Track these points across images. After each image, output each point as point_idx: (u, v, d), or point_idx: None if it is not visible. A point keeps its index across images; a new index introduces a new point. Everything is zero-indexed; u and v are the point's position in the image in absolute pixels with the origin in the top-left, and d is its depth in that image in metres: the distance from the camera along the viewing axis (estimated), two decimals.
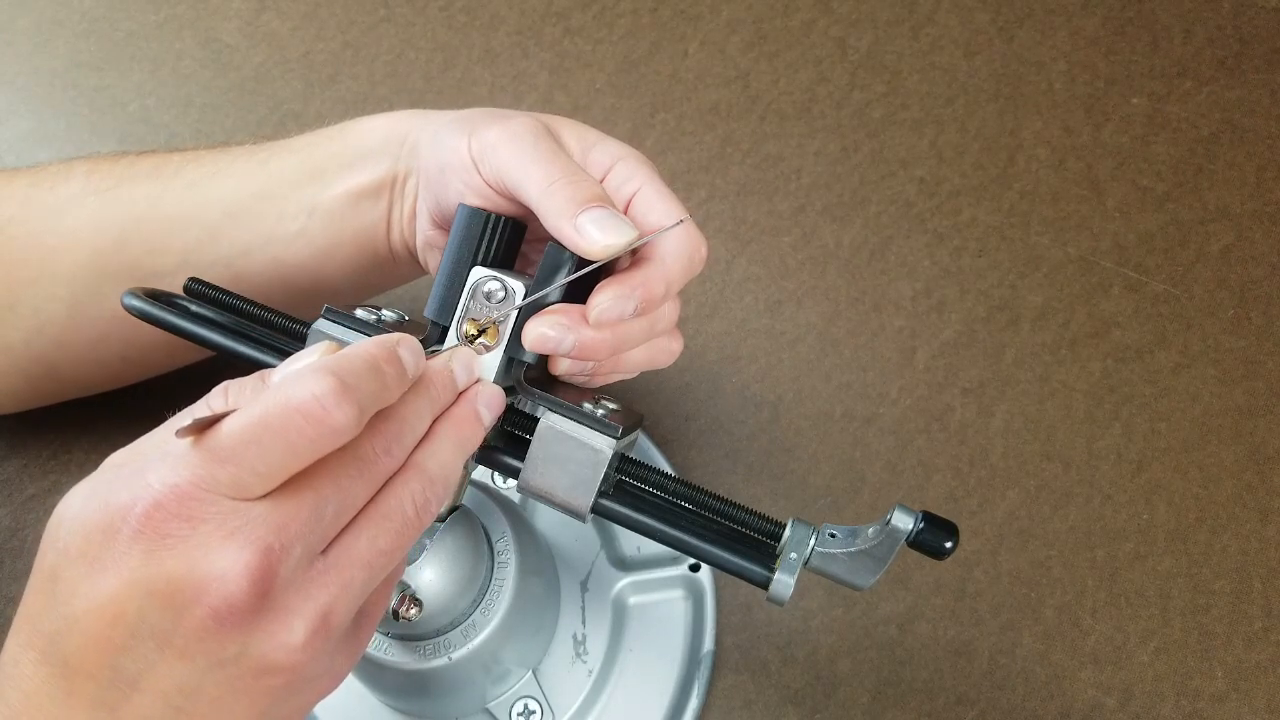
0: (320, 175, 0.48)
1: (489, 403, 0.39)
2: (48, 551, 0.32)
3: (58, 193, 0.51)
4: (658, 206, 0.41)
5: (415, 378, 0.36)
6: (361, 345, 0.35)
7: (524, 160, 0.40)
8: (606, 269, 0.41)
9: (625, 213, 0.42)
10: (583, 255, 0.39)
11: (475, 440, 0.38)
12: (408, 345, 0.36)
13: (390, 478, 0.35)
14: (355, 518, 0.34)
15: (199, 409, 0.34)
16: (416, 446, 0.36)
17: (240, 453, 0.31)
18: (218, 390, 0.35)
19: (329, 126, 0.50)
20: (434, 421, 0.37)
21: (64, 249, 0.50)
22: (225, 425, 0.31)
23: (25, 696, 0.32)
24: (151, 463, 0.31)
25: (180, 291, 0.46)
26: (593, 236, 0.38)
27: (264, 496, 0.32)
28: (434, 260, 0.48)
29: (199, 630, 0.31)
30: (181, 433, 0.31)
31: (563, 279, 0.40)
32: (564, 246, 0.40)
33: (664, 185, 0.42)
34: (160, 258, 0.50)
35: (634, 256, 0.42)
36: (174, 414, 0.34)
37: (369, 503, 0.34)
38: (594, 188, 0.40)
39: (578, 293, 0.41)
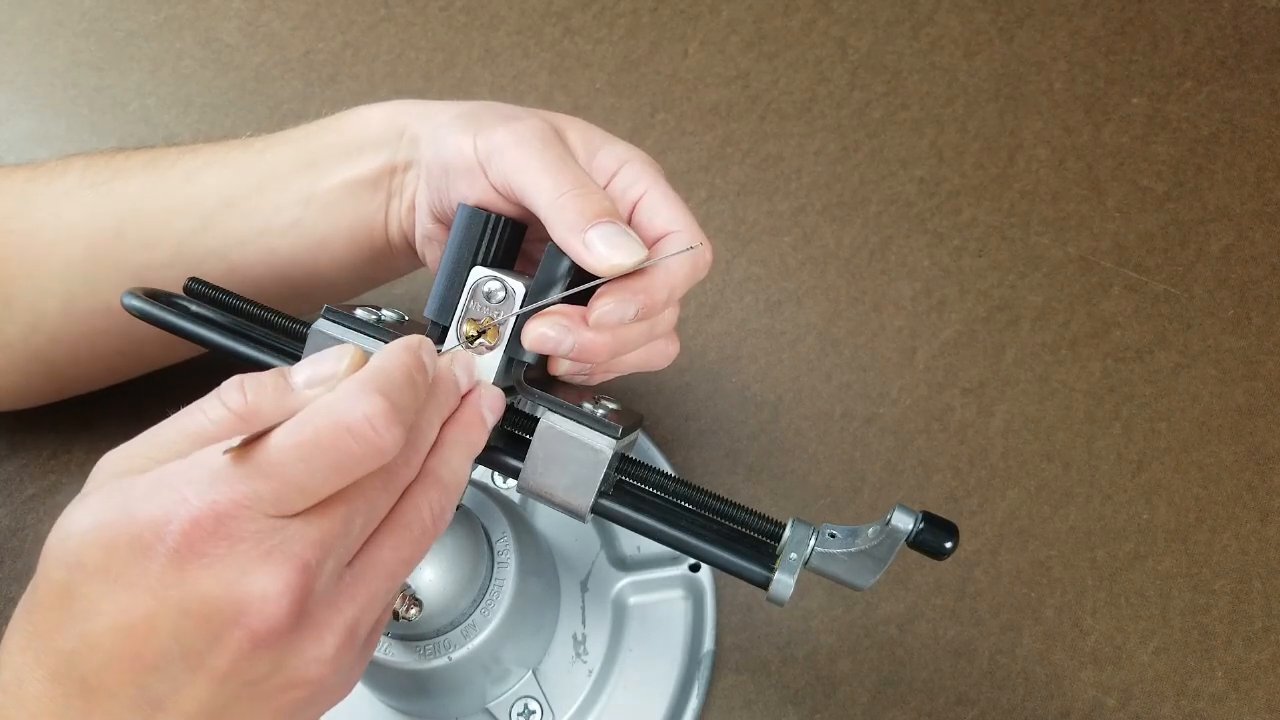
0: (316, 165, 0.48)
1: (491, 405, 0.39)
2: (57, 566, 0.31)
3: (54, 187, 0.51)
4: (663, 211, 0.41)
5: (433, 381, 0.36)
6: (398, 357, 0.34)
7: (533, 167, 0.40)
8: None
9: (631, 216, 0.42)
10: (590, 271, 0.39)
11: (481, 443, 0.38)
12: (428, 350, 0.36)
13: (408, 486, 0.35)
14: (377, 529, 0.34)
15: (209, 403, 0.33)
16: (429, 453, 0.36)
17: (288, 469, 0.30)
18: (232, 384, 0.34)
19: (326, 117, 0.50)
20: (442, 427, 0.37)
21: (60, 243, 0.50)
22: (274, 439, 0.31)
23: (32, 718, 0.30)
24: (185, 476, 0.31)
25: (177, 285, 0.45)
26: (600, 253, 0.38)
27: (299, 513, 0.31)
28: (432, 253, 0.47)
29: (236, 653, 0.30)
30: (230, 452, 0.30)
31: (564, 288, 0.40)
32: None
33: (670, 188, 0.42)
34: (154, 249, 0.49)
35: None
36: (175, 410, 0.34)
37: (389, 513, 0.34)
38: (603, 201, 0.39)
39: (578, 293, 0.41)
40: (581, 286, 0.40)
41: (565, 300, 0.40)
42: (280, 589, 0.30)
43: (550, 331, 0.39)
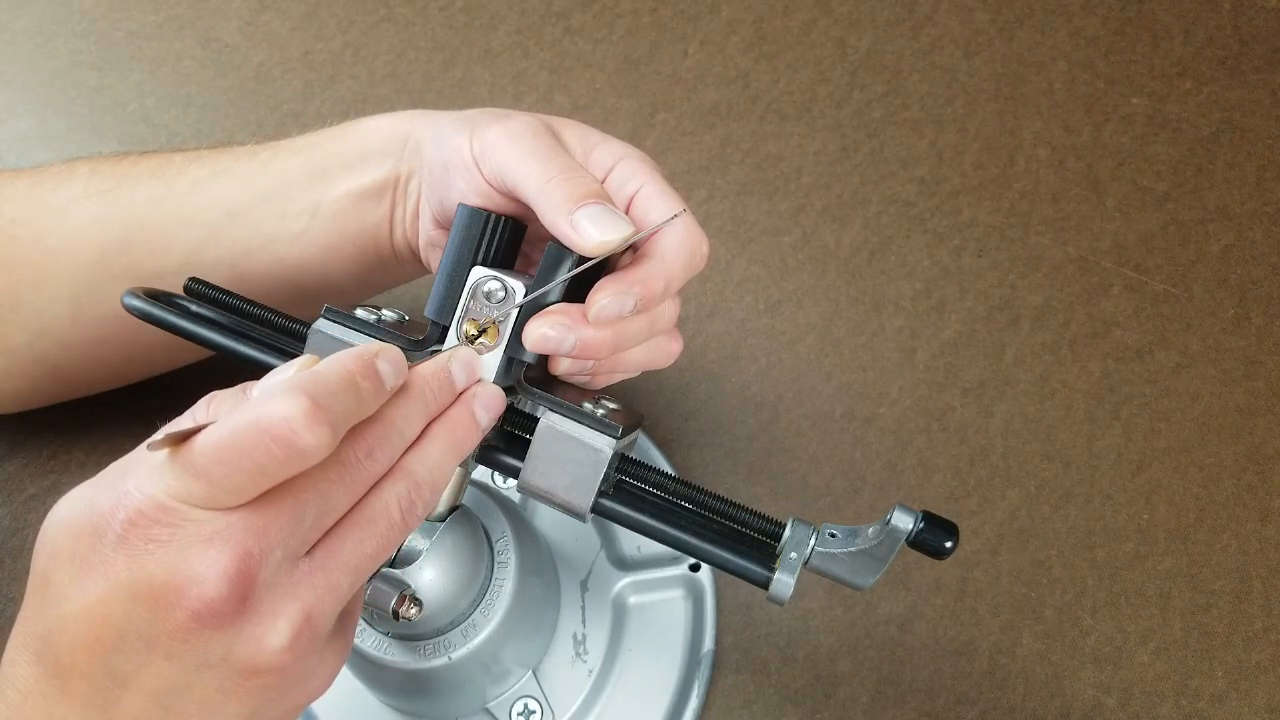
0: (323, 175, 0.48)
1: (487, 403, 0.39)
2: (40, 553, 0.33)
3: (60, 193, 0.51)
4: (658, 205, 0.41)
5: (395, 389, 0.36)
6: (339, 361, 0.34)
7: (522, 157, 0.40)
8: (606, 267, 0.41)
9: (626, 212, 0.42)
10: (579, 251, 0.39)
11: (470, 442, 0.38)
12: (386, 356, 0.35)
13: (378, 481, 0.35)
14: (340, 521, 0.34)
15: (184, 421, 0.34)
16: (408, 449, 0.36)
17: (211, 470, 0.31)
18: (202, 402, 0.35)
19: (331, 126, 0.50)
20: (429, 423, 0.37)
21: (66, 250, 0.50)
22: (199, 440, 0.31)
23: (22, 696, 0.32)
24: (132, 470, 0.32)
25: (181, 291, 0.46)
26: (589, 233, 0.39)
27: (244, 504, 0.32)
28: (437, 260, 0.48)
29: (181, 632, 0.31)
30: (153, 446, 0.31)
31: (562, 276, 0.40)
32: (564, 246, 0.40)
33: (665, 184, 0.42)
34: (162, 258, 0.50)
35: (634, 254, 0.42)
36: (164, 424, 0.34)
37: (355, 506, 0.34)
38: (591, 184, 0.40)
39: (577, 293, 0.41)
40: (579, 268, 0.40)
41: (564, 287, 0.40)
42: (218, 572, 0.31)
43: (551, 331, 0.39)
